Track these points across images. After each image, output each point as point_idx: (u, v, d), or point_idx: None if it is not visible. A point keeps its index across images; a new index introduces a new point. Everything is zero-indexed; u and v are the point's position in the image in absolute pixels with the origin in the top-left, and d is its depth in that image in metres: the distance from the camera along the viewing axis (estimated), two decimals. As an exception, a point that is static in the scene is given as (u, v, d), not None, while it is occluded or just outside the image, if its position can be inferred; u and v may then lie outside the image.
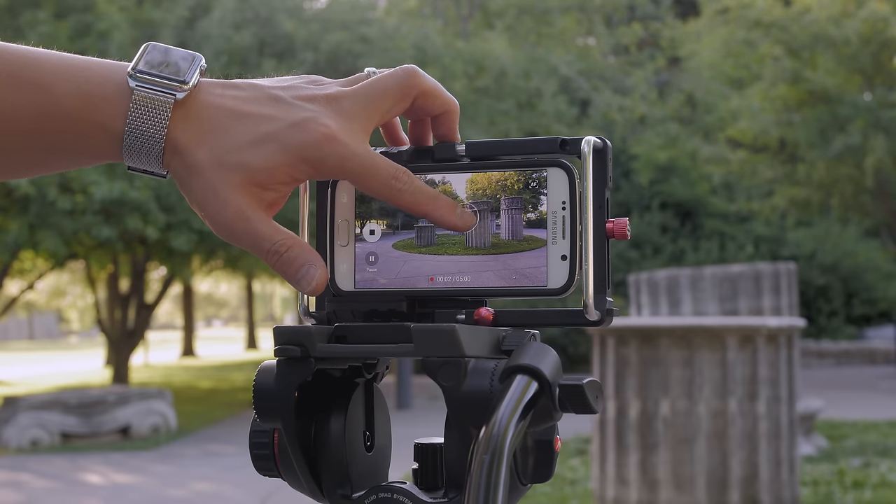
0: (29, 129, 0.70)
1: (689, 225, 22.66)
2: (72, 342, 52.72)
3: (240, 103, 0.71)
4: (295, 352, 0.71)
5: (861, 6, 15.21)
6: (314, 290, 0.71)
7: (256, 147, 0.69)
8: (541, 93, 16.21)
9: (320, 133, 0.69)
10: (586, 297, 0.70)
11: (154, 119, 0.69)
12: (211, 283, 39.23)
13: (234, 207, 0.69)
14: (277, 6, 14.10)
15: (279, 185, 0.70)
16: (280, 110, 0.70)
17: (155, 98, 0.69)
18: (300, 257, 0.70)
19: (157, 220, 12.47)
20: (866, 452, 8.67)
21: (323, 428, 0.74)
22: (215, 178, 0.69)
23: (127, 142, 0.69)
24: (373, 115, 0.71)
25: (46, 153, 0.71)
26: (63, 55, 0.71)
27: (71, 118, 0.69)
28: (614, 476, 5.62)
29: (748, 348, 5.46)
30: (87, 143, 0.71)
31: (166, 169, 0.71)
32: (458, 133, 0.76)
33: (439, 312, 0.74)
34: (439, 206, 0.72)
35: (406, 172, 0.71)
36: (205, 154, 0.69)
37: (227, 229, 0.70)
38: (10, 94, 0.69)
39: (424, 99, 0.73)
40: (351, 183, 0.72)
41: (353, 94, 0.71)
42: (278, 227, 0.71)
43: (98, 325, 19.13)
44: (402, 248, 0.75)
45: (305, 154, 0.69)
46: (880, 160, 15.34)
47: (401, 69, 0.73)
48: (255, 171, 0.69)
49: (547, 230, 0.72)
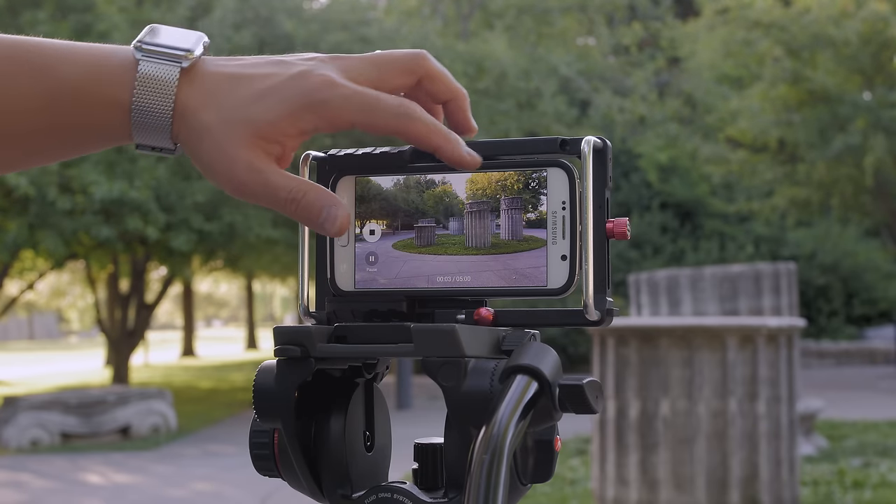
0: (36, 112, 0.70)
1: (688, 225, 22.66)
2: (72, 342, 52.71)
3: (241, 68, 0.71)
4: (295, 352, 0.70)
5: (861, 6, 15.21)
6: (339, 229, 0.70)
7: (258, 102, 0.69)
8: (541, 93, 16.21)
9: (319, 80, 0.69)
10: (586, 297, 0.70)
11: (161, 89, 0.69)
12: (211, 283, 39.22)
13: (244, 162, 0.69)
14: (277, 6, 14.10)
15: (285, 137, 0.70)
16: (280, 68, 0.70)
17: (161, 68, 0.69)
18: (318, 200, 0.70)
19: (156, 220, 12.47)
20: (866, 452, 8.67)
21: (323, 428, 0.74)
22: (222, 137, 0.69)
23: (135, 114, 0.70)
24: (372, 76, 0.71)
25: (54, 136, 0.71)
26: (66, 42, 0.71)
27: (78, 96, 0.70)
28: (614, 476, 5.61)
29: (748, 348, 5.46)
30: (95, 120, 0.71)
31: (175, 139, 0.71)
32: (474, 122, 0.76)
33: (439, 312, 0.74)
34: (450, 140, 0.71)
35: (413, 103, 0.70)
36: (211, 115, 0.69)
37: (240, 185, 0.70)
38: (16, 79, 0.69)
39: (431, 82, 0.73)
40: (358, 125, 0.70)
41: (356, 56, 0.72)
42: (291, 175, 0.71)
43: (98, 325, 19.13)
44: (402, 248, 0.75)
45: (306, 101, 0.69)
46: (880, 160, 15.34)
47: (412, 50, 0.73)
48: (259, 124, 0.69)
49: (547, 230, 0.72)
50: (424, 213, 0.75)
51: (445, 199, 0.75)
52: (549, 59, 17.89)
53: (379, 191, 0.76)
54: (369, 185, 0.76)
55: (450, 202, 0.75)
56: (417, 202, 0.75)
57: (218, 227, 13.29)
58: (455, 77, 0.74)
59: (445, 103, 0.75)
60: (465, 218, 0.74)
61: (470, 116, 0.76)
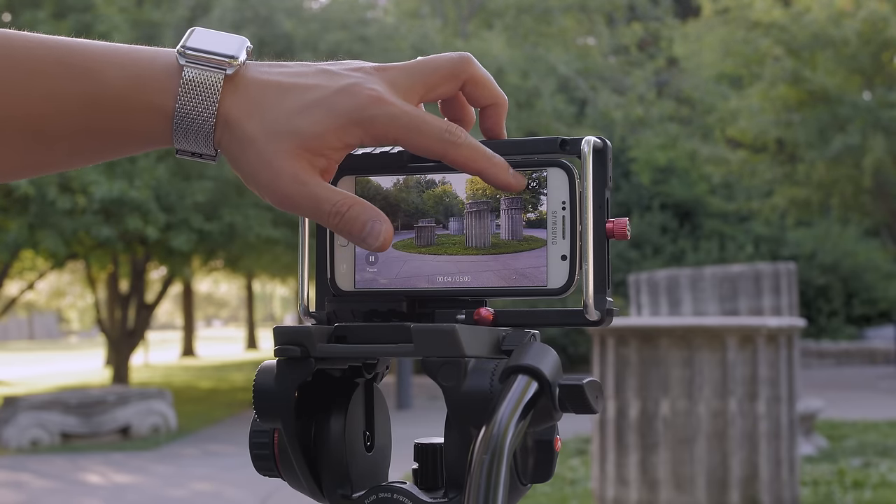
0: (79, 114, 0.70)
1: (688, 225, 22.66)
2: (72, 342, 52.72)
3: (287, 77, 0.71)
4: (295, 352, 0.70)
5: (861, 6, 15.21)
6: (382, 244, 0.70)
7: (305, 114, 0.69)
8: (539, 92, 16.22)
9: (367, 95, 0.69)
10: (586, 297, 0.70)
11: (205, 95, 0.69)
12: (211, 283, 39.22)
13: (289, 174, 0.69)
14: (277, 6, 14.10)
15: (331, 150, 0.70)
16: (326, 79, 0.70)
17: (205, 74, 0.69)
18: (363, 213, 0.70)
19: (156, 220, 12.47)
20: (866, 452, 8.67)
21: (323, 428, 0.74)
22: (267, 148, 0.69)
23: (178, 120, 0.69)
24: (418, 88, 0.71)
25: (94, 139, 0.71)
26: (108, 44, 0.71)
27: (121, 101, 0.69)
28: (614, 476, 5.62)
29: (748, 348, 5.46)
30: (137, 125, 0.70)
31: (217, 146, 0.71)
32: (505, 130, 0.76)
33: (439, 312, 0.74)
34: (495, 164, 0.71)
35: (458, 126, 0.70)
36: (255, 126, 0.69)
37: (284, 196, 0.69)
38: (60, 82, 0.69)
39: (474, 86, 0.73)
40: (403, 144, 0.70)
41: (401, 65, 0.72)
42: (335, 188, 0.71)
43: (98, 325, 19.14)
44: (402, 248, 0.75)
45: (355, 116, 0.69)
46: (879, 160, 15.35)
47: (456, 53, 0.73)
48: (306, 137, 0.69)
49: (547, 230, 0.72)
50: (424, 213, 0.75)
51: (445, 199, 0.75)
52: (547, 58, 17.90)
53: (379, 191, 0.76)
54: (369, 184, 0.76)
55: (450, 202, 0.74)
56: (417, 202, 0.75)
57: (218, 227, 13.30)
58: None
59: (484, 108, 0.75)
60: (465, 218, 0.74)
61: (503, 123, 0.76)
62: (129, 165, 12.38)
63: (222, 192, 13.08)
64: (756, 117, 16.67)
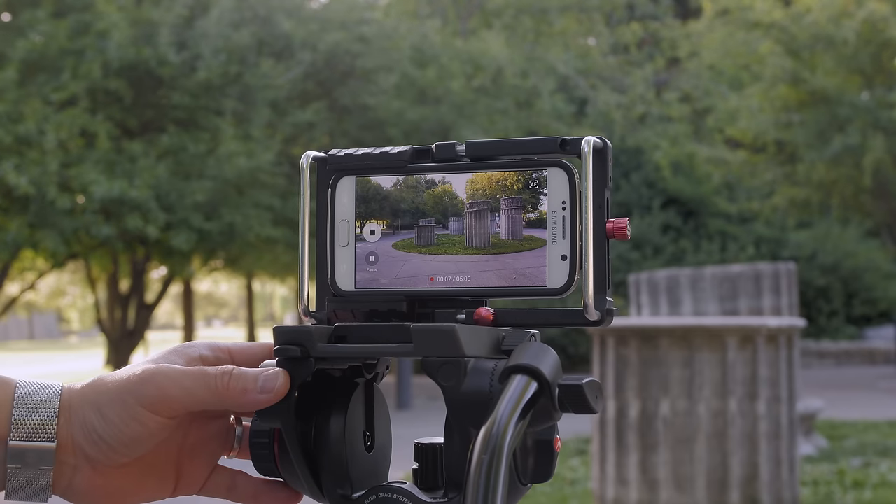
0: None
1: (691, 224, 22.64)
2: (72, 342, 52.69)
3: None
4: (295, 352, 0.71)
5: (861, 6, 15.21)
6: (279, 390, 0.72)
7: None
8: (538, 91, 16.21)
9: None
10: (586, 297, 0.70)
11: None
12: (211, 283, 39.20)
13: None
14: (276, 5, 14.10)
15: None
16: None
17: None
18: (249, 370, 0.73)
19: (156, 220, 12.47)
20: (866, 452, 8.67)
21: (323, 428, 0.74)
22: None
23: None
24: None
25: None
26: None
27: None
28: (614, 476, 5.61)
29: (748, 348, 5.46)
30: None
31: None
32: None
33: (439, 312, 0.74)
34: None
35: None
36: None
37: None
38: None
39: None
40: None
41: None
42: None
43: (98, 325, 19.14)
44: (402, 248, 0.75)
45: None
46: (879, 160, 15.34)
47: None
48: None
49: (547, 230, 0.72)
50: (424, 213, 0.75)
51: (445, 199, 0.75)
52: (546, 57, 17.90)
53: (379, 190, 0.76)
54: (369, 184, 0.76)
55: (450, 202, 0.74)
56: (417, 202, 0.75)
57: (218, 227, 13.29)
58: (453, 76, 0.74)
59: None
60: (465, 218, 0.74)
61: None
62: (129, 165, 12.38)
63: (222, 192, 13.08)
64: (756, 117, 16.67)
